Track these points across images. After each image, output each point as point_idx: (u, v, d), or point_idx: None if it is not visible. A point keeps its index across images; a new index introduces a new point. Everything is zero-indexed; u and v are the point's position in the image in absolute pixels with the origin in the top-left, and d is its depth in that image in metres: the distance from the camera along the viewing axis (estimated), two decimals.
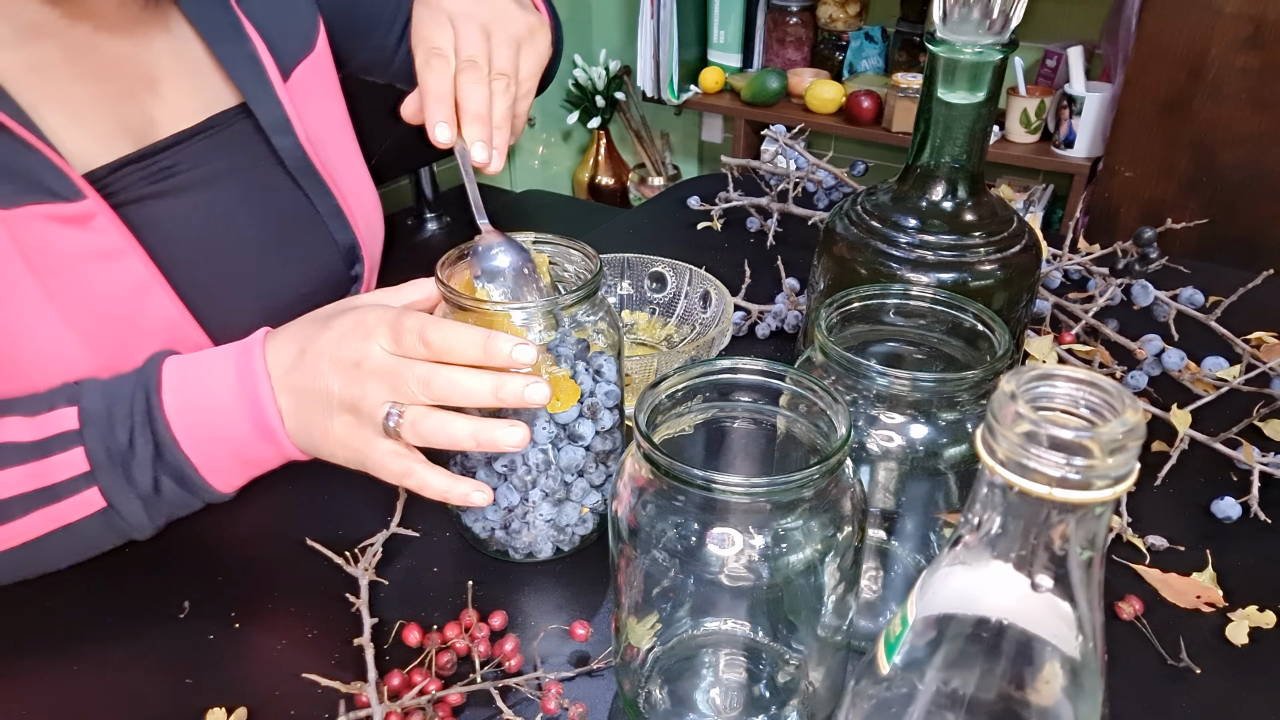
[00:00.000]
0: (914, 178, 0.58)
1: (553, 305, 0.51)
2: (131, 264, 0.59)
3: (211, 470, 0.53)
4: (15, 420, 0.51)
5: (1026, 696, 0.29)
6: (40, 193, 0.54)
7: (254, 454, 0.53)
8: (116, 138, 0.62)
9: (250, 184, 0.69)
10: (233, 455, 0.53)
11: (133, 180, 0.62)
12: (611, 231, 1.05)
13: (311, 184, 0.71)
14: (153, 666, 0.52)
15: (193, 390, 0.52)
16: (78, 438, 0.51)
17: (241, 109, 0.68)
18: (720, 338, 0.69)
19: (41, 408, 0.52)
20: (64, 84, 0.60)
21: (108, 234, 0.57)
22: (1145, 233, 0.76)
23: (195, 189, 0.65)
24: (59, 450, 0.51)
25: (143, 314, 0.60)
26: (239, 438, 0.52)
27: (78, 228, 0.56)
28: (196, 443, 0.52)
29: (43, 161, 0.54)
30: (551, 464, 0.54)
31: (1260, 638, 0.53)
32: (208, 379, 0.53)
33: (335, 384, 0.50)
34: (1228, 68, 1.57)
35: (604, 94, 2.52)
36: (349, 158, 0.77)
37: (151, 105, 0.64)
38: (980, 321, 0.48)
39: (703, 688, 0.48)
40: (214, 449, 0.53)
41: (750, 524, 0.39)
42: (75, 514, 0.52)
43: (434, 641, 0.51)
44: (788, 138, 0.97)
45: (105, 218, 0.57)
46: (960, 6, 0.51)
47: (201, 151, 0.66)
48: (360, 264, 0.76)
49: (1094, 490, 0.24)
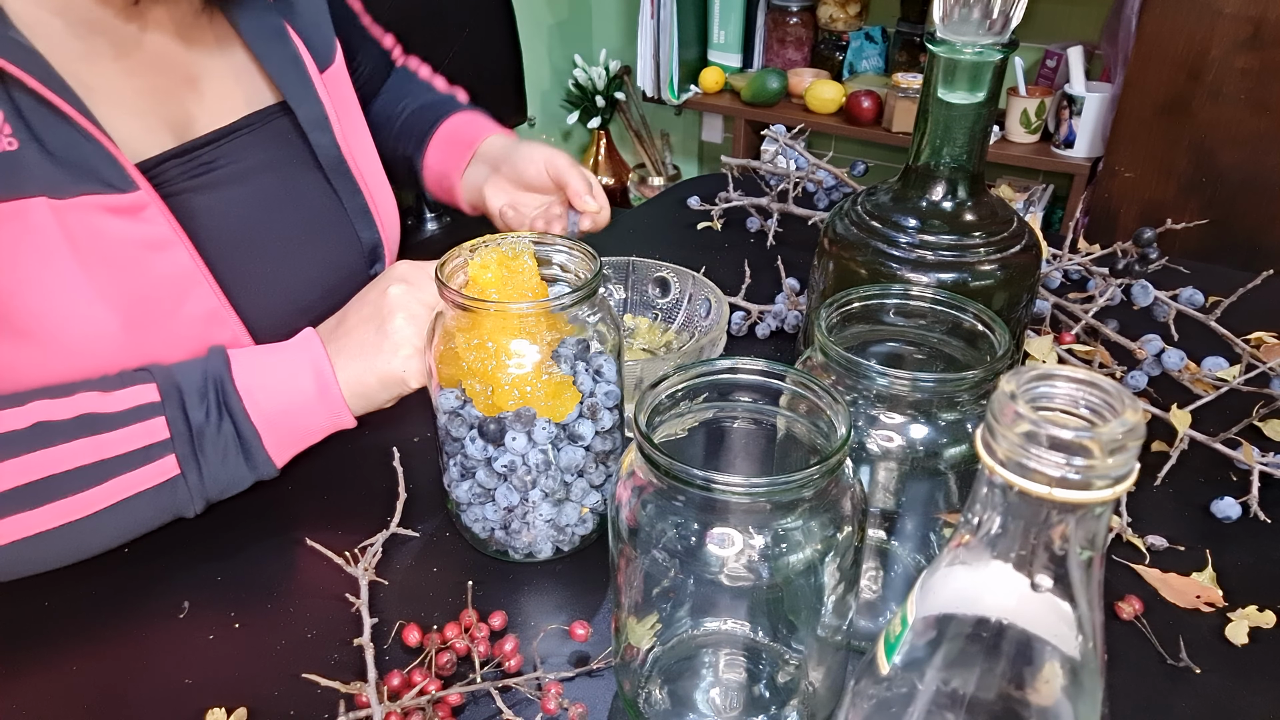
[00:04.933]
0: (914, 178, 0.58)
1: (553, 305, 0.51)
2: (178, 255, 0.60)
3: (273, 440, 0.57)
4: (93, 395, 0.54)
5: (1026, 696, 0.29)
6: (95, 183, 0.56)
7: (312, 421, 0.58)
8: (160, 132, 0.64)
9: (284, 180, 0.70)
10: (294, 426, 0.58)
11: (174, 174, 0.63)
12: (611, 231, 1.05)
13: (343, 182, 0.73)
14: (153, 666, 0.52)
15: (261, 368, 0.57)
16: (160, 409, 0.54)
17: (280, 107, 0.71)
18: (710, 348, 0.68)
19: (115, 385, 0.55)
20: (113, 76, 0.61)
21: (158, 225, 0.59)
22: (1145, 233, 0.76)
23: (232, 184, 0.67)
24: (143, 419, 0.54)
25: (185, 303, 0.61)
26: (302, 406, 0.57)
27: (129, 218, 0.58)
28: (264, 415, 0.56)
29: (100, 151, 0.56)
30: (551, 464, 0.54)
31: (1260, 637, 0.53)
32: (274, 359, 0.58)
33: (365, 310, 0.59)
34: (1227, 68, 1.57)
35: (604, 94, 2.52)
36: (373, 159, 0.80)
37: (192, 102, 0.66)
38: (980, 321, 0.48)
39: (703, 688, 0.48)
40: (279, 420, 0.57)
41: (750, 524, 0.39)
42: (149, 481, 0.54)
43: (434, 641, 0.51)
44: (788, 138, 0.97)
45: (156, 209, 0.59)
46: (960, 6, 0.51)
47: (240, 147, 0.68)
48: (381, 262, 0.78)
49: (1094, 490, 0.24)
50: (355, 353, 0.58)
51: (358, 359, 0.57)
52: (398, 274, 0.60)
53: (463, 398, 0.53)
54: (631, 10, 2.48)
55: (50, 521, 0.52)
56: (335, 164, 0.72)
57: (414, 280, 0.59)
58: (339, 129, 0.72)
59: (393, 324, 0.57)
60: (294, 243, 0.71)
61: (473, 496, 0.55)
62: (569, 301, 0.51)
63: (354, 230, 0.75)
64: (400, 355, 0.57)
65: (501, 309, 0.50)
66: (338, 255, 0.74)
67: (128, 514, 0.54)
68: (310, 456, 0.62)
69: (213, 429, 0.55)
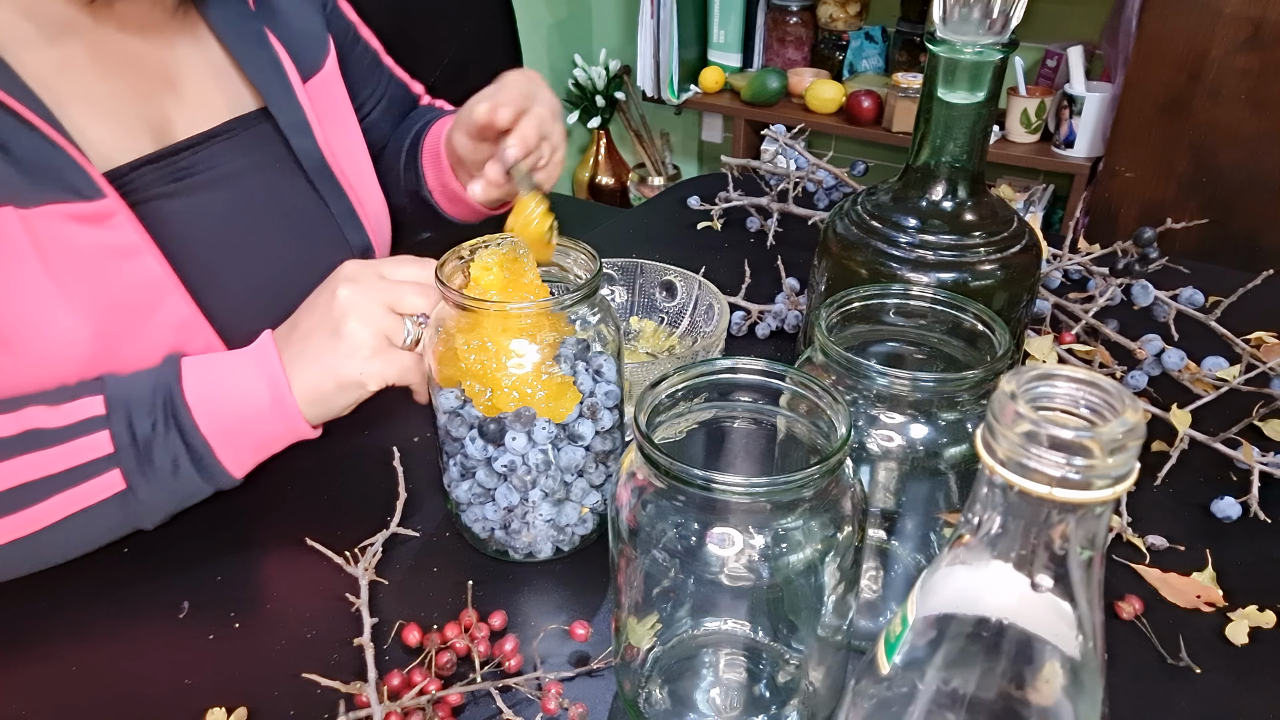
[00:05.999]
0: (914, 178, 0.58)
1: (553, 305, 0.51)
2: (147, 262, 0.60)
3: (227, 452, 0.56)
4: (40, 409, 0.53)
5: (1026, 696, 0.29)
6: (61, 190, 0.55)
7: (267, 431, 0.57)
8: (137, 136, 0.63)
9: (266, 185, 0.70)
10: (248, 436, 0.56)
11: (151, 179, 0.63)
12: (611, 231, 1.05)
13: (327, 186, 0.73)
14: (153, 666, 0.52)
15: (213, 378, 0.56)
16: (104, 422, 0.53)
17: (261, 112, 0.70)
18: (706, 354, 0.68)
19: (65, 398, 0.54)
20: (89, 81, 0.61)
21: (125, 232, 0.58)
22: (1145, 233, 0.76)
23: (211, 189, 0.66)
24: (85, 434, 0.53)
25: (155, 311, 0.61)
26: (255, 415, 0.56)
27: (96, 226, 0.57)
28: (215, 425, 0.55)
29: (65, 159, 0.55)
30: (551, 464, 0.54)
31: (1260, 637, 0.53)
32: (227, 367, 0.57)
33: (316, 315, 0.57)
34: (1227, 68, 1.57)
35: (604, 94, 2.52)
36: (361, 163, 0.79)
37: (171, 105, 0.66)
38: (980, 321, 0.48)
39: (703, 688, 0.48)
40: (231, 430, 0.56)
41: (750, 524, 0.39)
42: (94, 496, 0.53)
43: (434, 641, 0.51)
44: (788, 138, 0.97)
45: (124, 216, 0.58)
46: (960, 6, 0.51)
47: (220, 152, 0.67)
48: None
49: (1094, 490, 0.24)
50: (311, 359, 0.56)
51: (313, 365, 0.56)
52: (345, 275, 0.58)
53: (463, 398, 0.53)
54: (631, 10, 2.48)
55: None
56: (318, 168, 0.72)
57: (361, 279, 0.57)
58: (321, 133, 0.72)
59: (347, 327, 0.56)
60: (276, 247, 0.70)
61: (473, 496, 0.55)
62: (569, 301, 0.51)
63: (341, 233, 0.74)
64: (357, 358, 0.55)
65: (502, 309, 0.50)
66: (324, 259, 0.72)
67: (77, 529, 0.54)
68: (310, 456, 0.62)
69: (160, 441, 0.54)
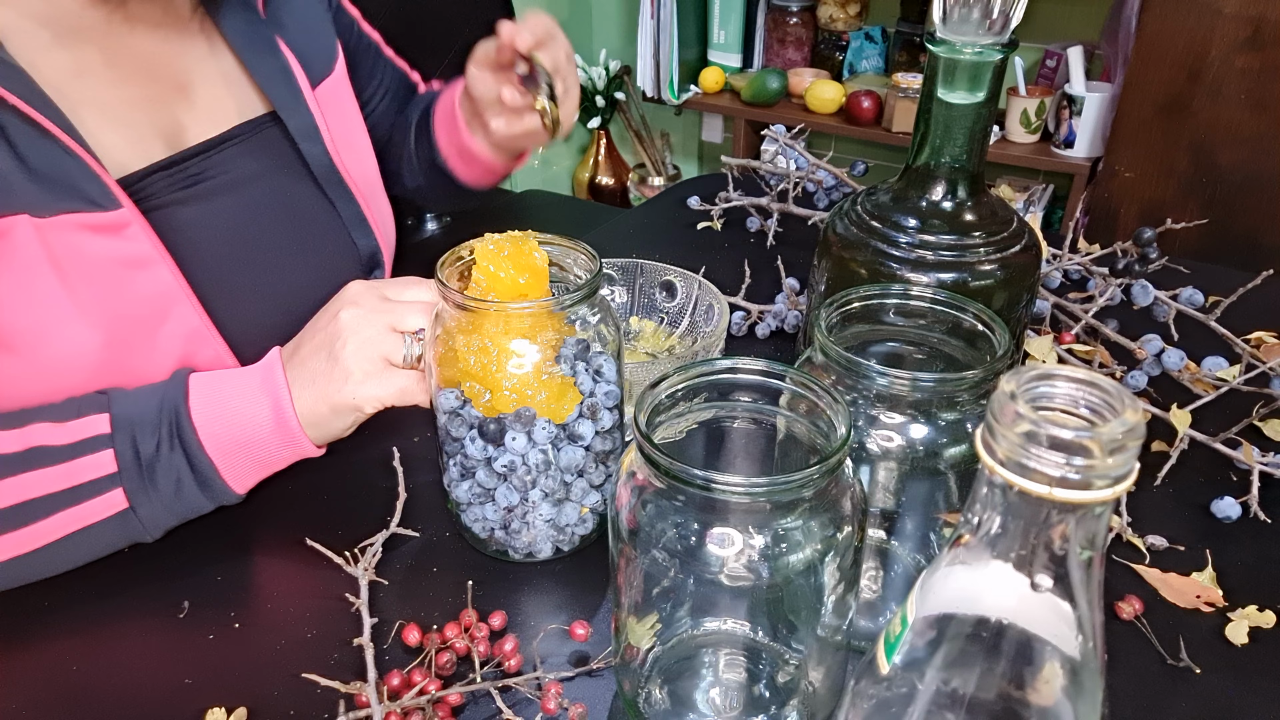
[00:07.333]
0: (914, 178, 0.58)
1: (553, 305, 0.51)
2: (159, 273, 0.60)
3: (231, 471, 0.56)
4: (45, 426, 0.53)
5: (1026, 696, 0.29)
6: (77, 200, 0.55)
7: (271, 452, 0.57)
8: (150, 142, 0.63)
9: (276, 190, 0.70)
10: (252, 456, 0.56)
11: (162, 185, 0.63)
12: (611, 231, 1.05)
13: (336, 191, 0.73)
14: (153, 666, 0.52)
15: (219, 398, 0.56)
16: (108, 441, 0.53)
17: (270, 117, 0.70)
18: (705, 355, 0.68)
19: (71, 414, 0.54)
20: (102, 87, 0.61)
21: (139, 243, 0.58)
22: (1145, 233, 0.76)
23: (221, 195, 0.67)
24: (89, 453, 0.53)
25: (165, 321, 0.61)
26: (260, 437, 0.56)
27: (111, 236, 0.57)
28: (220, 446, 0.55)
29: (82, 168, 0.55)
30: (551, 464, 0.54)
31: (1260, 638, 0.53)
32: (233, 387, 0.57)
33: (317, 338, 0.57)
34: (1227, 68, 1.57)
35: (604, 94, 2.52)
36: (369, 168, 0.79)
37: (183, 111, 0.66)
38: (980, 321, 0.48)
39: (703, 688, 0.48)
40: (236, 450, 0.56)
41: (750, 524, 0.39)
42: (96, 515, 0.53)
43: (434, 641, 0.51)
44: (788, 138, 0.97)
45: (138, 227, 0.58)
46: (960, 6, 0.51)
47: (230, 158, 0.67)
48: (380, 269, 0.78)
49: (1094, 490, 0.24)
50: (308, 381, 0.56)
51: (310, 388, 0.56)
52: (348, 297, 0.58)
53: (462, 398, 0.53)
54: (631, 10, 2.48)
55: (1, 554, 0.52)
56: (327, 173, 0.72)
57: (364, 302, 0.58)
58: (330, 138, 0.72)
59: (344, 351, 0.56)
60: (286, 252, 0.70)
61: (473, 496, 0.55)
62: (569, 301, 0.51)
63: (350, 238, 0.75)
64: (351, 383, 0.55)
65: (502, 309, 0.50)
66: (333, 264, 0.74)
67: (77, 545, 0.54)
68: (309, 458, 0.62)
69: (164, 461, 0.54)
